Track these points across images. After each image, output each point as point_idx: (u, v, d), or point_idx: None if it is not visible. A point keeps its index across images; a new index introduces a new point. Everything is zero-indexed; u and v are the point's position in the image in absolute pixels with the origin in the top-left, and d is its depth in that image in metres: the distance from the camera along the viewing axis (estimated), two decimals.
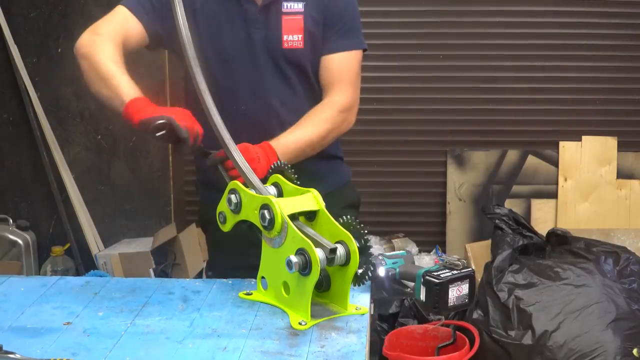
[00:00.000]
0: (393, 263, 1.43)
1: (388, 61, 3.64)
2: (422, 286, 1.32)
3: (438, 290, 1.30)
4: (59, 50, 3.61)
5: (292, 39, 1.83)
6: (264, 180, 1.51)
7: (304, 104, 1.87)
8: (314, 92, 1.90)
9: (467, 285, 1.34)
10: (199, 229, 3.55)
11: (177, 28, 1.60)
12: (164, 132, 1.47)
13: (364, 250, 1.35)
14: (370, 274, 1.36)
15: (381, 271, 1.38)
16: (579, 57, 3.60)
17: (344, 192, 2.09)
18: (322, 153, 1.89)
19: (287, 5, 1.83)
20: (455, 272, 1.33)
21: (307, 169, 1.77)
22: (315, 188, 1.74)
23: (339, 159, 2.10)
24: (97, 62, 1.84)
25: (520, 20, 3.59)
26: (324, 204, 1.42)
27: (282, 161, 1.54)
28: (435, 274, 1.32)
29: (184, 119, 1.51)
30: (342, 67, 1.87)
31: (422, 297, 1.32)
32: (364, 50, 1.92)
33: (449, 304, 1.32)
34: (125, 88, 1.72)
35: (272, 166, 1.54)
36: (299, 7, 1.83)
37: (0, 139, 3.70)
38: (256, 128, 1.82)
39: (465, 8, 3.58)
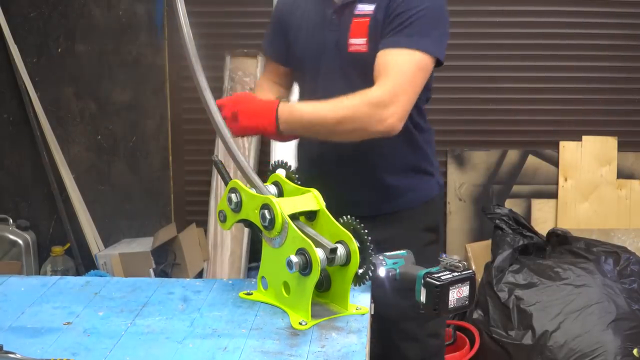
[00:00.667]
0: (393, 263, 1.43)
1: None
2: (422, 288, 1.32)
3: (438, 292, 1.30)
4: (59, 50, 3.61)
5: (357, 42, 1.76)
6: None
7: None
8: None
9: (468, 287, 1.34)
10: (199, 229, 3.55)
11: (178, 25, 1.59)
12: None
13: (365, 250, 1.35)
14: (370, 274, 1.36)
15: (381, 271, 1.38)
16: (579, 57, 3.59)
17: (422, 211, 1.92)
18: (401, 165, 1.84)
19: (360, 8, 1.76)
20: (455, 274, 1.33)
21: (379, 184, 1.85)
22: (386, 206, 1.87)
23: (427, 174, 1.93)
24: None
25: (521, 20, 3.59)
26: (325, 203, 1.42)
27: (281, 160, 1.54)
28: (435, 275, 1.31)
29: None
30: (388, 61, 1.69)
31: (423, 298, 1.32)
32: (435, 59, 1.75)
33: (450, 306, 1.32)
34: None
35: (272, 165, 1.54)
36: (370, 9, 1.74)
37: (0, 139, 3.70)
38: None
39: (466, 8, 3.57)
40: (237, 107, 1.67)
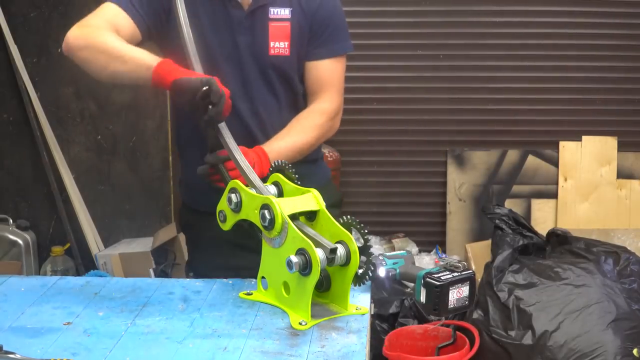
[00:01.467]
0: (393, 263, 1.43)
1: (388, 61, 3.64)
2: (422, 288, 1.32)
3: (438, 293, 1.30)
4: (59, 50, 3.58)
5: (279, 45, 1.80)
6: (265, 180, 1.51)
7: (286, 112, 1.86)
8: (297, 100, 1.89)
9: (467, 287, 1.34)
10: None
11: (179, 25, 1.59)
12: (203, 92, 1.46)
13: (365, 250, 1.35)
14: (370, 274, 1.36)
15: (381, 271, 1.38)
16: (579, 57, 3.60)
17: (324, 192, 2.05)
18: (304, 157, 1.89)
19: (274, 12, 1.80)
20: (455, 274, 1.33)
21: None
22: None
23: (319, 159, 2.06)
24: (102, 44, 1.74)
25: (521, 20, 3.59)
26: (324, 204, 1.42)
27: (281, 161, 1.54)
28: (435, 275, 1.31)
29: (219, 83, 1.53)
30: (329, 73, 1.87)
31: (423, 298, 1.32)
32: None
33: (449, 306, 1.32)
34: (145, 55, 1.68)
35: (273, 165, 1.54)
36: (286, 13, 1.80)
37: (0, 139, 3.70)
38: (245, 133, 1.80)
39: (465, 8, 3.57)
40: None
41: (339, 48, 1.89)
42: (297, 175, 1.51)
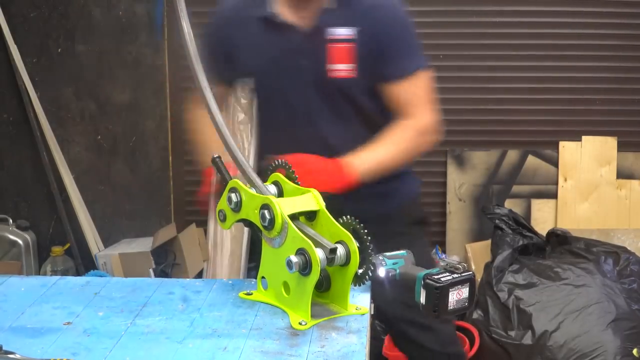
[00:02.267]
0: (393, 264, 1.42)
1: None
2: (422, 289, 1.31)
3: (438, 294, 1.30)
4: (59, 50, 3.61)
5: (341, 67, 1.72)
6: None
7: (359, 134, 1.78)
8: (372, 122, 1.81)
9: (468, 289, 1.33)
10: (199, 229, 3.55)
11: (179, 25, 1.58)
12: None
13: (365, 250, 1.35)
14: (370, 274, 1.36)
15: (381, 272, 1.38)
16: (579, 57, 3.59)
17: (406, 210, 1.99)
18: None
19: (334, 32, 1.71)
20: (455, 275, 1.33)
21: (373, 191, 1.78)
22: (379, 208, 1.88)
23: (404, 174, 1.95)
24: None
25: (520, 20, 3.59)
26: (324, 203, 1.42)
27: (282, 160, 1.53)
28: (435, 277, 1.31)
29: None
30: (408, 95, 1.79)
31: (422, 300, 1.32)
32: (428, 67, 1.83)
33: (449, 308, 1.32)
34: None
35: (272, 164, 1.54)
36: (349, 32, 1.71)
37: (0, 139, 3.70)
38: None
39: (466, 8, 3.57)
40: (298, 170, 1.54)
41: (417, 63, 1.80)
42: (297, 176, 1.50)
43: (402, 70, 1.76)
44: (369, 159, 1.70)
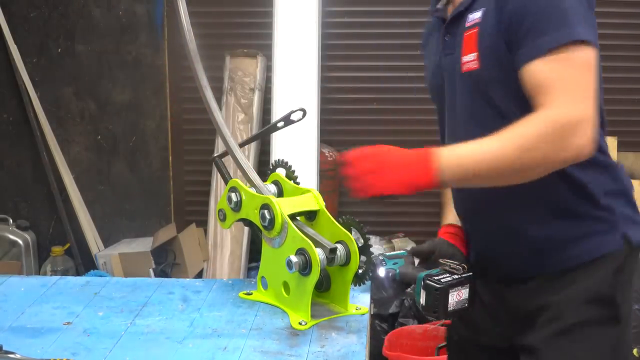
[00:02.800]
0: (393, 264, 1.43)
1: (388, 61, 3.63)
2: (422, 290, 1.31)
3: (438, 295, 1.30)
4: (59, 50, 3.61)
5: (468, 59, 1.41)
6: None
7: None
8: (509, 121, 1.31)
9: (467, 290, 1.33)
10: (199, 229, 3.55)
11: (179, 23, 1.57)
12: None
13: (365, 250, 1.35)
14: (370, 274, 1.36)
15: (381, 271, 1.38)
16: None
17: (586, 274, 1.41)
18: (548, 209, 1.39)
19: (469, 18, 1.41)
20: (455, 276, 1.33)
21: (521, 236, 1.42)
22: (534, 266, 1.43)
23: (595, 220, 1.41)
24: None
25: None
26: (324, 203, 1.41)
27: (282, 159, 1.53)
28: (435, 278, 1.31)
29: None
30: (542, 77, 1.30)
31: (422, 300, 1.32)
32: (586, 42, 1.28)
33: (449, 309, 1.32)
34: None
35: (272, 164, 1.54)
36: (478, 16, 1.39)
37: (0, 139, 3.70)
38: None
39: None
40: (378, 159, 1.34)
41: (549, 41, 1.28)
42: (297, 175, 1.50)
43: (538, 47, 1.29)
44: (464, 153, 1.30)
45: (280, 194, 1.47)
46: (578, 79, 1.27)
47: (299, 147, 3.16)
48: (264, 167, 3.39)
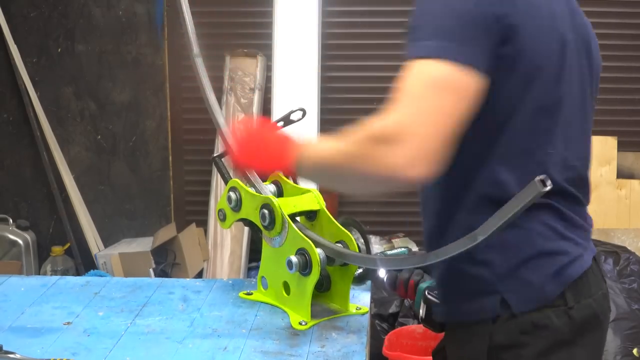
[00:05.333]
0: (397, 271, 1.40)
1: (388, 61, 3.63)
2: (422, 303, 1.30)
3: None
4: (59, 50, 3.61)
5: None
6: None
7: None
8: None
9: None
10: (199, 229, 3.55)
11: (183, 23, 1.55)
12: None
13: (364, 250, 1.35)
14: (370, 275, 1.36)
15: (381, 272, 1.38)
16: None
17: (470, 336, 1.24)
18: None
19: None
20: None
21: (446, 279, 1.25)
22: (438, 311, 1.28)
23: (482, 266, 1.20)
24: None
25: None
26: (325, 203, 1.41)
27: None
28: (436, 292, 1.30)
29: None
30: (397, 83, 1.21)
31: (422, 313, 1.31)
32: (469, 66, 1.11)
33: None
34: None
35: None
36: None
37: (0, 139, 3.70)
38: None
39: None
40: (252, 136, 1.34)
41: (408, 50, 1.21)
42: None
43: (406, 52, 1.21)
44: (317, 148, 1.24)
45: (280, 194, 1.47)
46: (408, 92, 1.16)
47: None
48: None
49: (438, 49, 1.14)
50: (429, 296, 1.29)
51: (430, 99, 1.12)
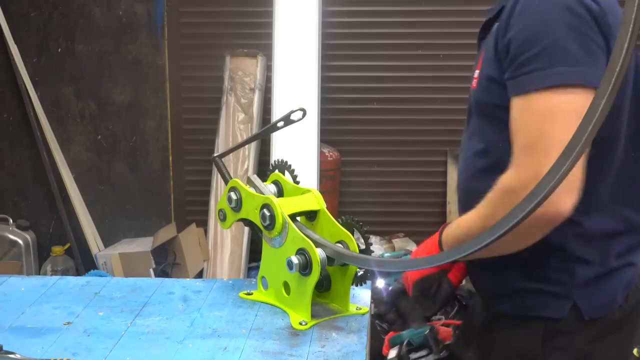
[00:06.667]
0: (395, 280, 1.39)
1: (388, 61, 3.64)
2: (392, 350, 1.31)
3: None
4: (59, 50, 3.61)
5: (475, 75, 1.36)
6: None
7: (486, 169, 1.30)
8: (504, 150, 1.22)
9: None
10: (199, 229, 3.55)
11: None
12: None
13: (365, 250, 1.35)
14: (370, 275, 1.36)
15: (379, 282, 1.36)
16: None
17: (516, 334, 1.36)
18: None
19: (493, 29, 1.29)
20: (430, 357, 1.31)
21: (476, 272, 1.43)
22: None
23: (564, 272, 1.28)
24: None
25: None
26: (325, 203, 1.41)
27: (281, 159, 1.53)
28: (415, 356, 1.30)
29: None
30: (515, 122, 1.19)
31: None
32: (570, 86, 1.11)
33: None
34: None
35: (273, 164, 1.53)
36: (493, 29, 1.29)
37: (0, 139, 3.70)
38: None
39: (466, 8, 3.57)
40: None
41: (528, 81, 1.14)
42: (297, 174, 1.50)
43: (512, 88, 1.18)
44: (456, 227, 1.32)
45: (280, 194, 1.47)
46: (536, 132, 1.12)
47: (299, 147, 3.16)
48: (264, 167, 3.40)
49: (569, 76, 1.11)
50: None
51: (556, 135, 1.09)
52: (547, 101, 1.11)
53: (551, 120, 1.11)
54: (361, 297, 1.44)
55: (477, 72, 1.33)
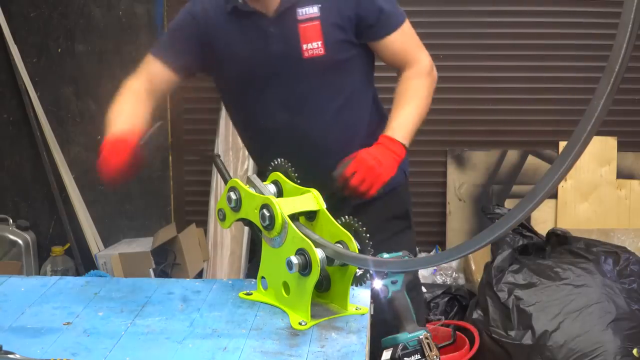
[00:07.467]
0: (392, 282, 1.37)
1: None
2: (385, 352, 1.29)
3: None
4: (59, 50, 3.61)
5: (312, 46, 1.76)
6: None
7: (348, 110, 1.88)
8: (358, 90, 1.92)
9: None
10: (199, 229, 3.55)
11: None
12: None
13: (365, 250, 1.35)
14: (370, 275, 1.36)
15: (377, 283, 1.34)
16: (579, 57, 3.59)
17: (386, 202, 1.99)
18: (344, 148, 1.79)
19: (301, 12, 1.75)
20: None
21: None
22: (354, 199, 1.77)
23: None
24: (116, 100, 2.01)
25: (520, 20, 3.59)
26: (324, 204, 1.41)
27: (282, 160, 1.53)
28: (406, 354, 1.27)
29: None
30: (403, 42, 1.89)
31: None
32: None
33: None
34: (112, 122, 1.91)
35: (273, 164, 1.53)
36: (314, 10, 1.75)
37: (0, 139, 3.70)
38: (305, 145, 1.82)
39: (466, 8, 3.57)
40: (366, 164, 1.74)
41: (397, 18, 1.88)
42: (297, 174, 1.50)
43: (388, 27, 1.85)
44: (404, 123, 1.81)
45: (280, 194, 1.47)
46: (415, 39, 1.95)
47: None
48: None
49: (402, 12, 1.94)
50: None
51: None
52: (408, 25, 1.92)
53: (414, 33, 1.95)
54: (360, 297, 1.44)
55: (316, 43, 1.75)
